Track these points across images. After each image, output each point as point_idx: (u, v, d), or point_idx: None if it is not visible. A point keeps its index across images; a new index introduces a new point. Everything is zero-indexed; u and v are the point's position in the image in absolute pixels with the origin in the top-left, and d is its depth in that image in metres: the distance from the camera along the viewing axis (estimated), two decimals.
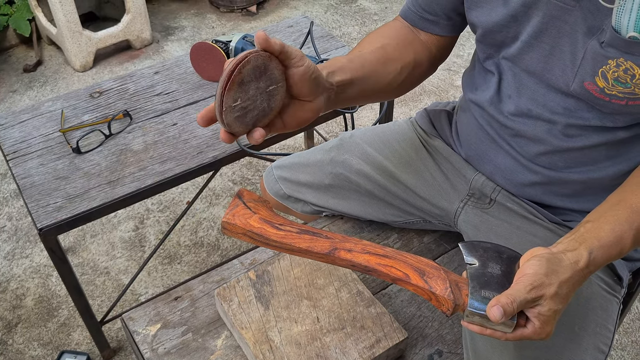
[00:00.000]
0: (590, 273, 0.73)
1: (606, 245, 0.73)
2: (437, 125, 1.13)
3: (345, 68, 0.81)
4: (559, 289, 0.69)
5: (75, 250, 1.81)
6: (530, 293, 0.68)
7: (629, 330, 1.65)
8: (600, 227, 0.74)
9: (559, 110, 0.85)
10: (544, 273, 0.69)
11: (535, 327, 0.69)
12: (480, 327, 0.72)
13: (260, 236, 0.77)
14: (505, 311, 0.67)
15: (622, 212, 0.75)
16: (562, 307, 0.70)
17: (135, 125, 1.41)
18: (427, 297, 0.74)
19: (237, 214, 0.78)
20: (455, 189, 1.06)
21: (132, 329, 1.02)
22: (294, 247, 0.77)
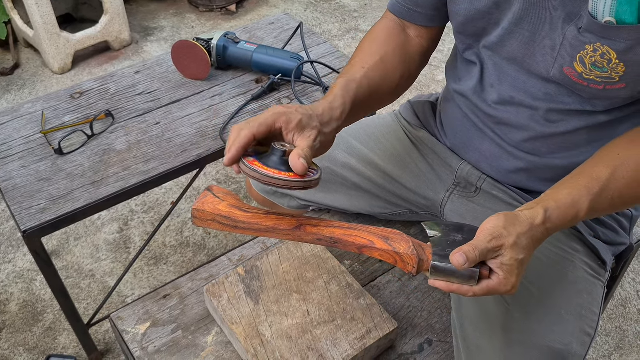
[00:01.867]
0: (549, 231, 0.75)
1: (562, 206, 0.75)
2: (422, 117, 1.13)
3: (351, 99, 0.85)
4: (517, 239, 0.71)
5: (60, 254, 1.79)
6: (491, 242, 0.70)
7: (612, 316, 1.67)
8: (559, 191, 0.77)
9: (540, 96, 0.86)
10: (503, 226, 0.71)
11: (500, 277, 0.71)
12: (446, 284, 0.73)
13: (229, 219, 0.78)
14: (467, 257, 0.69)
15: (582, 180, 0.78)
16: (524, 257, 0.72)
17: (118, 125, 1.40)
18: (392, 261, 0.76)
19: (206, 202, 0.80)
20: (440, 179, 1.07)
21: (121, 328, 1.01)
22: (261, 226, 0.77)
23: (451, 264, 0.71)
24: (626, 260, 1.07)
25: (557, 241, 0.94)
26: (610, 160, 0.79)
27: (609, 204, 0.79)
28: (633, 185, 0.78)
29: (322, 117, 0.80)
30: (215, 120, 1.41)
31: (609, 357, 1.58)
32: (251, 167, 0.72)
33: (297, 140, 0.75)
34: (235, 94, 1.49)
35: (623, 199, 0.79)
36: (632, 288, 1.75)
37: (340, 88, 0.85)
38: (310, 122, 0.77)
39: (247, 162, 0.73)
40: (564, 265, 0.92)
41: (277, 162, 0.73)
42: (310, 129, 0.77)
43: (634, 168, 0.78)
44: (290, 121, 0.75)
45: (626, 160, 0.78)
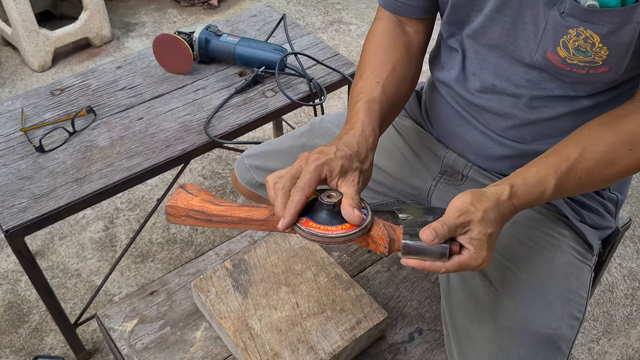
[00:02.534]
0: (515, 207, 0.75)
1: (529, 183, 0.75)
2: (407, 106, 1.13)
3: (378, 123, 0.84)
4: (484, 214, 0.71)
5: (44, 254, 1.76)
6: (459, 218, 0.70)
7: (600, 301, 1.69)
8: (527, 169, 0.77)
9: (522, 83, 0.86)
10: (469, 202, 0.72)
11: (470, 252, 0.71)
12: (419, 261, 0.73)
13: (202, 213, 0.77)
14: (437, 233, 0.69)
15: (551, 159, 0.78)
16: (493, 231, 0.72)
17: (100, 121, 1.38)
18: (364, 243, 0.76)
19: (179, 199, 0.80)
20: (427, 167, 1.06)
21: (108, 326, 1.00)
22: (234, 217, 0.77)
23: (422, 242, 0.71)
24: (612, 243, 1.07)
25: (543, 227, 0.94)
26: (581, 141, 0.79)
27: (577, 183, 0.79)
28: (601, 166, 0.78)
29: (359, 154, 0.78)
30: (199, 114, 1.40)
31: (597, 341, 1.60)
32: (307, 230, 0.73)
33: (341, 186, 0.75)
34: (219, 87, 1.47)
35: (591, 179, 0.79)
36: (619, 273, 1.77)
37: (366, 113, 0.83)
38: (351, 164, 0.76)
39: (301, 225, 0.73)
40: (552, 251, 0.93)
41: (329, 216, 0.74)
42: (352, 172, 0.76)
43: (603, 149, 0.78)
44: (333, 169, 0.74)
45: (596, 141, 0.78)
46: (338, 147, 0.76)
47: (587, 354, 1.57)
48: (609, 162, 0.78)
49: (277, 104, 1.43)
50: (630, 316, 1.66)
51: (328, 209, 0.74)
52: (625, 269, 1.78)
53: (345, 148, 0.77)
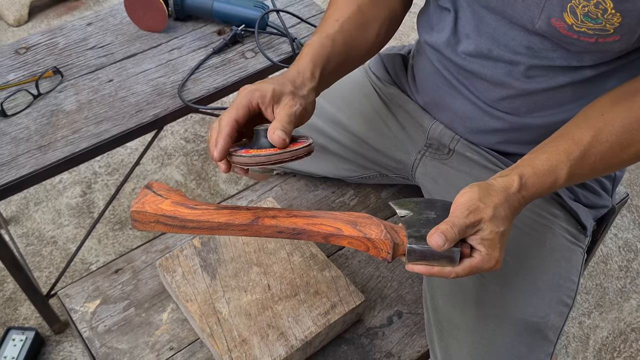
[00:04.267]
0: (525, 199, 0.69)
1: (540, 172, 0.69)
2: (392, 72, 1.04)
3: (323, 58, 0.77)
4: (495, 210, 0.65)
5: (19, 220, 1.70)
6: (469, 217, 0.64)
7: (593, 273, 1.64)
8: (537, 156, 0.71)
9: (521, 49, 0.78)
10: (478, 198, 0.65)
11: (482, 254, 0.65)
12: (426, 267, 0.66)
13: (175, 218, 0.69)
14: (446, 237, 0.63)
15: (562, 143, 0.71)
16: (505, 229, 0.66)
17: (67, 84, 1.29)
18: (364, 248, 0.69)
19: (147, 202, 0.70)
20: (412, 139, 0.98)
21: (69, 307, 0.94)
22: (212, 223, 0.69)
23: (429, 246, 0.64)
24: (607, 223, 1.01)
25: (534, 206, 0.87)
26: (593, 122, 0.71)
27: (590, 169, 0.72)
28: (616, 148, 0.71)
29: (294, 81, 0.72)
30: (173, 77, 1.31)
31: (589, 315, 1.55)
32: (238, 155, 0.66)
33: (276, 112, 0.69)
34: (195, 47, 1.38)
35: (606, 164, 0.72)
36: (614, 244, 1.71)
37: (310, 47, 0.77)
38: (284, 89, 0.70)
39: (234, 152, 0.67)
40: (542, 232, 0.86)
41: (264, 142, 0.67)
42: (286, 96, 0.70)
43: (618, 130, 0.70)
44: (265, 95, 0.68)
45: (610, 121, 0.71)
46: (271, 78, 0.72)
47: (578, 327, 1.53)
48: (625, 144, 0.71)
49: (258, 66, 1.34)
50: (623, 289, 1.61)
51: (261, 135, 0.68)
52: (621, 239, 1.72)
53: (279, 77, 0.72)
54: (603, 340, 1.50)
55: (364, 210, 1.09)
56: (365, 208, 1.09)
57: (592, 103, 0.75)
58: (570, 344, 1.49)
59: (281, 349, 0.83)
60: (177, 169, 1.85)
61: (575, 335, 1.51)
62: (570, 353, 1.48)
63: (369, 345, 0.91)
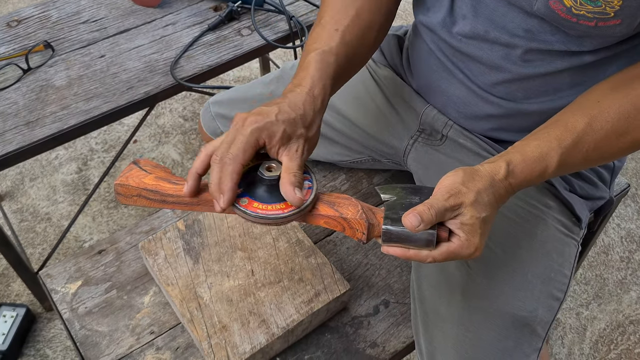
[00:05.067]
0: (513, 187, 0.67)
1: (529, 159, 0.66)
2: (387, 53, 1.01)
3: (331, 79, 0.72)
4: (477, 195, 0.63)
5: (13, 196, 1.69)
6: (449, 200, 0.62)
7: (593, 263, 1.61)
8: (527, 143, 0.68)
9: (519, 32, 0.74)
10: (461, 182, 0.63)
11: (461, 239, 0.63)
12: (401, 249, 0.64)
13: (156, 192, 0.68)
14: (422, 217, 0.60)
15: (554, 130, 0.68)
16: (487, 215, 0.63)
17: (58, 58, 1.27)
18: (340, 228, 0.67)
19: (131, 176, 0.70)
20: (404, 124, 0.95)
21: (50, 287, 0.93)
22: (192, 199, 0.68)
23: (405, 227, 0.62)
24: (605, 214, 0.97)
25: (526, 196, 0.84)
26: (588, 109, 0.68)
27: (583, 157, 0.69)
28: (612, 137, 0.67)
29: (305, 118, 0.67)
30: (166, 53, 1.28)
31: (587, 306, 1.53)
32: (244, 210, 0.64)
33: (283, 155, 0.65)
34: (190, 23, 1.35)
35: (600, 153, 0.69)
36: (616, 234, 1.67)
37: (317, 68, 0.71)
38: (295, 130, 0.66)
39: (239, 205, 0.65)
40: (534, 223, 0.83)
41: (269, 192, 0.65)
42: (295, 139, 0.66)
43: (614, 117, 0.67)
44: (273, 135, 0.64)
45: (606, 108, 0.67)
46: (280, 109, 0.65)
47: (575, 319, 1.50)
48: (621, 132, 0.68)
49: (253, 44, 1.31)
50: (624, 280, 1.58)
51: (267, 184, 0.65)
52: (624, 230, 1.68)
53: (289, 110, 0.66)
54: (600, 332, 1.48)
55: (356, 195, 1.06)
56: (357, 193, 1.06)
57: (589, 90, 0.71)
58: (566, 335, 1.47)
59: (262, 337, 0.82)
60: (174, 147, 1.82)
61: (572, 326, 1.49)
62: (566, 344, 1.45)
63: (353, 335, 0.88)
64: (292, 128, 0.65)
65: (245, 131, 0.63)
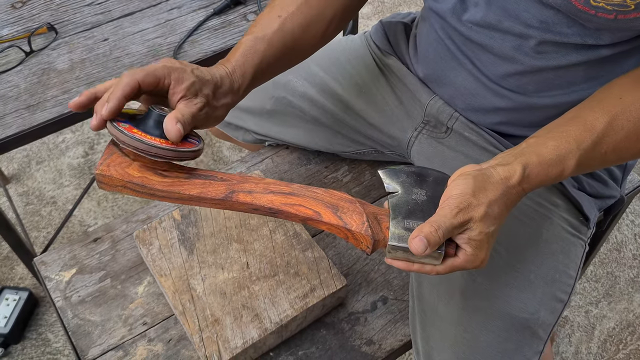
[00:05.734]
0: (525, 192, 0.63)
1: (546, 162, 0.62)
2: (393, 41, 0.97)
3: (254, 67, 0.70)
4: (488, 208, 0.59)
5: (20, 178, 1.68)
6: (457, 217, 0.58)
7: (605, 260, 1.56)
8: (544, 143, 0.64)
9: (533, 23, 0.70)
10: (471, 193, 0.59)
11: (467, 254, 0.60)
12: (405, 263, 0.61)
13: (143, 187, 0.64)
14: (429, 241, 0.57)
15: (573, 129, 0.64)
16: (495, 228, 0.60)
17: (62, 41, 1.25)
18: (343, 236, 0.64)
19: (112, 164, 0.64)
20: (409, 115, 0.92)
21: (44, 274, 0.92)
22: (183, 195, 0.64)
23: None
24: (615, 214, 0.94)
25: (533, 194, 0.81)
26: (610, 106, 0.64)
27: (601, 159, 0.65)
28: (632, 138, 0.64)
29: (217, 88, 0.66)
30: (170, 38, 1.26)
31: (597, 304, 1.49)
32: (119, 129, 0.60)
33: (180, 104, 0.62)
34: (196, 6, 1.32)
35: (619, 154, 0.65)
36: (630, 231, 1.63)
37: (243, 53, 0.70)
38: (202, 89, 0.64)
39: (117, 124, 0.60)
40: (539, 222, 0.80)
41: (153, 126, 0.62)
42: (200, 97, 0.64)
43: (637, 117, 0.63)
44: (182, 81, 0.62)
45: (629, 106, 0.63)
46: (199, 68, 0.65)
47: (584, 317, 1.47)
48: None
49: None
50: (636, 279, 1.54)
51: (154, 119, 0.62)
52: (638, 227, 1.64)
53: (206, 73, 0.65)
54: (609, 331, 1.44)
55: (358, 187, 1.03)
56: (359, 185, 1.03)
57: (610, 83, 0.67)
58: (574, 333, 1.44)
59: (254, 332, 0.80)
60: None
61: (580, 325, 1.45)
62: (573, 342, 1.42)
63: (349, 331, 0.86)
64: (200, 85, 0.63)
65: (158, 63, 0.62)
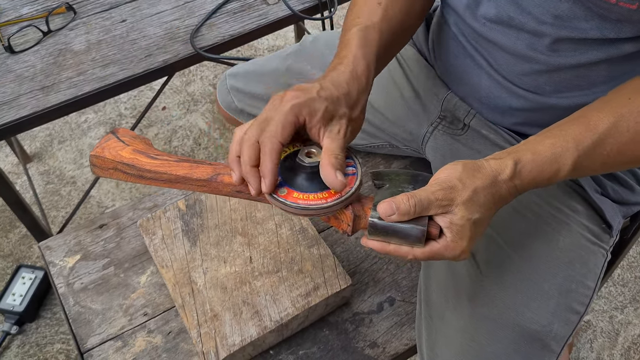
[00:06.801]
0: (518, 189, 0.59)
1: (540, 160, 0.59)
2: None
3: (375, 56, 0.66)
4: (473, 194, 0.56)
5: (42, 157, 1.69)
6: (436, 193, 0.55)
7: (633, 264, 1.50)
8: (541, 141, 0.60)
9: (547, 18, 0.65)
10: (458, 177, 0.56)
11: (447, 239, 0.57)
12: (380, 243, 0.58)
13: (133, 167, 0.65)
14: (398, 207, 0.54)
15: (573, 128, 0.60)
16: (480, 217, 0.57)
17: (79, 21, 1.24)
18: (324, 218, 0.63)
19: (107, 147, 0.66)
20: (425, 109, 0.88)
21: (48, 259, 0.91)
22: (170, 175, 0.64)
23: (394, 223, 0.57)
24: None
25: (551, 197, 0.76)
26: (617, 106, 0.60)
27: (603, 162, 0.61)
28: (638, 140, 0.59)
29: (349, 97, 0.61)
30: (188, 20, 1.23)
31: (622, 309, 1.43)
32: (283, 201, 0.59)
33: (323, 136, 0.59)
34: None
35: (622, 158, 0.61)
36: None
37: (360, 45, 0.64)
38: (338, 109, 0.60)
39: (278, 195, 0.59)
40: (557, 228, 0.75)
41: (309, 180, 0.60)
42: (338, 119, 0.60)
43: None
44: (314, 113, 0.58)
45: (638, 107, 0.59)
46: (322, 86, 0.59)
47: (608, 322, 1.41)
48: None
49: (279, 14, 1.24)
50: None
51: (307, 172, 0.59)
52: None
53: (332, 88, 0.60)
54: (634, 339, 1.38)
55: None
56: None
57: (623, 84, 0.62)
58: (596, 339, 1.38)
59: (253, 330, 0.77)
60: (202, 116, 1.79)
61: (603, 330, 1.39)
62: (595, 348, 1.37)
63: (353, 332, 0.83)
64: (334, 106, 0.59)
65: (284, 107, 0.57)
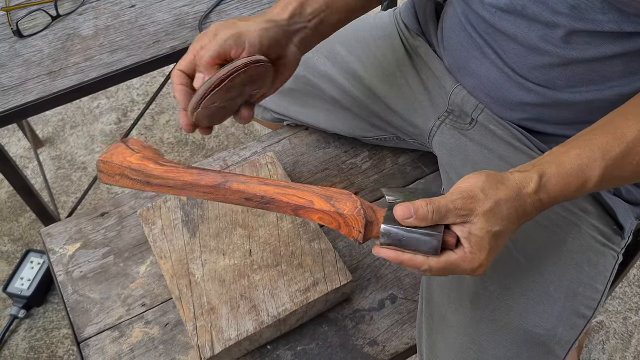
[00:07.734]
0: (543, 203, 0.57)
1: (566, 172, 0.56)
2: (422, 20, 0.90)
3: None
4: (495, 205, 0.53)
5: (54, 142, 1.70)
6: (456, 202, 0.53)
7: None
8: (567, 152, 0.58)
9: (563, 9, 0.62)
10: (480, 187, 0.54)
11: (465, 250, 0.54)
12: (395, 252, 0.56)
13: (140, 172, 0.64)
14: (416, 211, 0.53)
15: (600, 137, 0.57)
16: (500, 230, 0.54)
17: (88, 6, 1.22)
18: (335, 225, 0.60)
19: (115, 154, 0.66)
20: (433, 102, 0.85)
21: (48, 246, 0.90)
22: (177, 181, 0.64)
23: (408, 228, 0.55)
24: None
25: None
26: None
27: (632, 171, 0.58)
28: None
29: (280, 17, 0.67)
30: (198, 6, 1.21)
31: (637, 311, 1.39)
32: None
33: None
34: None
35: None
36: None
37: None
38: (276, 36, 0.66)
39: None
40: (565, 229, 0.72)
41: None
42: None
43: None
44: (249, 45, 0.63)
45: None
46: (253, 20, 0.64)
47: (621, 323, 1.37)
48: None
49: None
50: None
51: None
52: None
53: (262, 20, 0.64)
54: None
55: (377, 175, 0.97)
56: (378, 173, 0.97)
57: None
58: (608, 340, 1.35)
59: (250, 324, 0.76)
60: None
61: (616, 331, 1.36)
62: (607, 350, 1.33)
63: (352, 329, 0.82)
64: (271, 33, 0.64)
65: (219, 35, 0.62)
